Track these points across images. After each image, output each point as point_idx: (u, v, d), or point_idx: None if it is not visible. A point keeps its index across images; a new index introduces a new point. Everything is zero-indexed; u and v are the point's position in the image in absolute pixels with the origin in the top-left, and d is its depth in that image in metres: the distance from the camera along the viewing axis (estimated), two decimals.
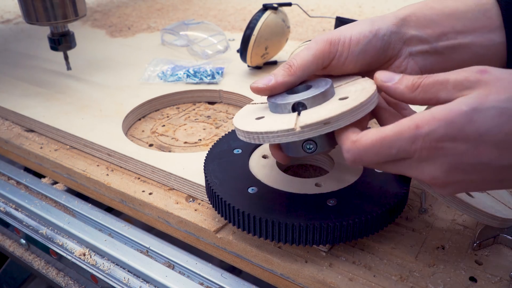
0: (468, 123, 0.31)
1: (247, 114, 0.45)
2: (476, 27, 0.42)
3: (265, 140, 0.39)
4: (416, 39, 0.43)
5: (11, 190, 0.66)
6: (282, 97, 0.42)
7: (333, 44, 0.42)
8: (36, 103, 0.74)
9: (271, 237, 0.42)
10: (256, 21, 0.78)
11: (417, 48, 0.44)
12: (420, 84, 0.36)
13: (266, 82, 0.43)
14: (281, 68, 0.43)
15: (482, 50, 0.43)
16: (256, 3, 1.34)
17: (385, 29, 0.43)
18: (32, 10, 0.73)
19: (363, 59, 0.43)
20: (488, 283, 0.41)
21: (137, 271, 0.51)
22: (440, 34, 0.43)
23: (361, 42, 0.42)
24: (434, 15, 0.43)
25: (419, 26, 0.43)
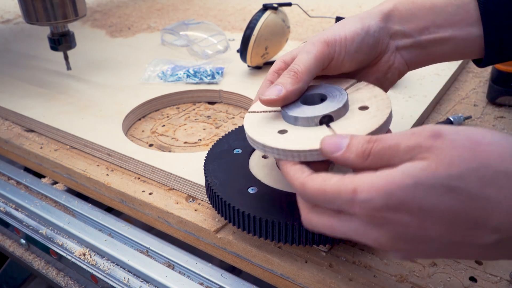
0: (410, 198, 0.29)
1: (260, 126, 0.43)
2: (455, 21, 0.44)
3: (307, 158, 0.37)
4: (400, 33, 0.45)
5: (11, 190, 0.66)
6: (298, 107, 0.42)
7: (330, 44, 0.43)
8: (36, 103, 0.74)
9: (271, 237, 0.42)
10: (256, 21, 0.78)
11: (402, 42, 0.45)
12: (371, 151, 0.32)
13: (277, 93, 0.41)
14: (287, 76, 0.42)
15: (462, 43, 0.44)
16: (256, 3, 1.34)
17: (374, 26, 0.44)
18: (32, 10, 0.73)
19: (358, 56, 0.44)
20: (488, 283, 0.41)
21: (137, 271, 0.51)
22: (422, 28, 0.44)
23: (355, 40, 0.43)
24: (416, 10, 0.44)
25: (402, 21, 0.45)
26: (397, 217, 0.30)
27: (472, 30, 0.44)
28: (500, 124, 0.67)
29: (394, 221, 0.30)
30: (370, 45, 0.44)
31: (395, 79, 0.47)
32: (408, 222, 0.30)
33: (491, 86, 0.72)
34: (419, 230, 0.30)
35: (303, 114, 0.41)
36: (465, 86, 0.79)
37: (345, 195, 0.31)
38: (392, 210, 0.29)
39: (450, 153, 0.29)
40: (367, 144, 0.32)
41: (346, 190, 0.31)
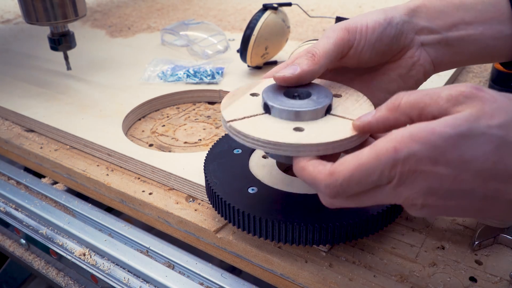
0: (452, 148, 0.29)
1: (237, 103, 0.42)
2: (485, 18, 0.42)
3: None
4: (427, 30, 0.43)
5: (11, 190, 0.66)
6: (279, 97, 0.41)
7: (351, 32, 0.42)
8: (36, 103, 0.74)
9: (271, 237, 0.42)
10: (256, 21, 0.78)
11: (428, 38, 0.43)
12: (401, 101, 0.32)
13: (292, 72, 0.40)
14: (304, 57, 0.41)
15: (492, 42, 0.42)
16: (256, 3, 1.34)
17: (398, 18, 0.42)
18: (32, 10, 0.73)
19: (378, 47, 0.42)
20: (488, 283, 0.41)
21: (137, 271, 0.51)
22: (450, 25, 0.43)
23: (376, 30, 0.42)
24: (444, 6, 0.43)
25: (429, 17, 0.43)
26: (434, 169, 0.29)
27: (503, 28, 0.42)
28: None
29: (431, 175, 0.30)
30: (391, 37, 0.42)
31: (420, 78, 0.45)
32: (444, 174, 0.29)
33: (491, 86, 0.72)
34: (454, 183, 0.29)
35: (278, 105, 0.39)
36: None
37: (385, 158, 0.30)
38: (432, 162, 0.29)
39: (491, 105, 0.29)
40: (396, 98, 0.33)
41: (387, 151, 0.30)
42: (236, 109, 0.41)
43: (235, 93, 0.43)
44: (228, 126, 0.39)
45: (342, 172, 0.32)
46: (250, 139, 0.38)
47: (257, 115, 0.40)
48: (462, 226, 0.48)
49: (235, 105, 0.41)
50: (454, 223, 0.48)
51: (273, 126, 0.38)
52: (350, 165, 0.31)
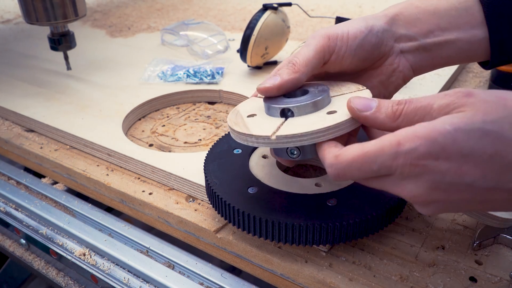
0: (451, 143, 0.31)
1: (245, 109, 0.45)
2: (459, 23, 0.44)
3: (248, 142, 0.40)
4: (405, 37, 0.45)
5: (11, 190, 0.66)
6: (278, 99, 0.43)
7: (331, 38, 0.43)
8: (36, 103, 0.74)
9: (271, 237, 0.42)
10: (256, 21, 0.78)
11: (407, 45, 0.45)
12: (402, 111, 0.34)
13: (273, 82, 0.42)
14: (285, 67, 0.43)
15: (467, 46, 0.45)
16: (256, 3, 1.34)
17: (378, 26, 0.44)
18: (32, 10, 0.73)
19: (359, 54, 0.44)
20: (488, 283, 0.41)
21: (137, 271, 0.51)
22: (426, 32, 0.45)
23: (358, 37, 0.43)
24: (420, 14, 0.45)
25: (407, 25, 0.45)
26: (436, 164, 0.31)
27: (477, 32, 0.44)
28: None
29: (433, 169, 0.32)
30: (372, 44, 0.44)
31: (399, 83, 0.47)
32: (446, 168, 0.31)
33: (491, 86, 0.72)
34: (455, 176, 0.31)
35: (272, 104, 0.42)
36: (465, 86, 0.79)
37: (389, 149, 0.32)
38: (432, 158, 0.31)
39: (484, 105, 0.31)
40: (397, 106, 0.35)
41: (390, 144, 0.32)
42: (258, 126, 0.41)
43: (233, 121, 0.44)
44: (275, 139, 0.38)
45: (346, 156, 0.34)
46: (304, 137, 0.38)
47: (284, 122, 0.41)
48: (462, 226, 0.48)
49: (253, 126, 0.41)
50: (454, 223, 0.48)
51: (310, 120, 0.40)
52: (354, 152, 0.34)
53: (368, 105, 0.36)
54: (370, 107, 0.36)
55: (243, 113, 0.44)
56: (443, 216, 0.49)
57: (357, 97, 0.37)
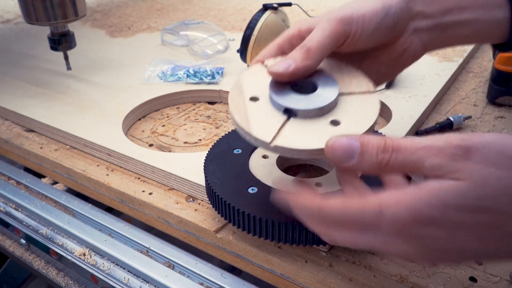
0: (439, 215, 0.28)
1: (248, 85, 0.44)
2: (481, 3, 0.43)
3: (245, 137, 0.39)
4: (422, 14, 0.43)
5: (11, 190, 0.66)
6: (284, 90, 0.41)
7: (346, 23, 0.41)
8: (36, 103, 0.74)
9: (271, 237, 0.42)
10: (256, 21, 0.78)
11: (422, 23, 0.44)
12: (388, 162, 0.30)
13: (286, 67, 0.40)
14: (299, 52, 0.40)
15: (486, 26, 0.43)
16: (256, 3, 1.34)
17: (395, 6, 0.42)
18: (32, 10, 0.73)
19: (375, 37, 0.42)
20: (488, 283, 0.41)
21: (137, 271, 0.51)
22: (445, 10, 0.43)
23: (374, 20, 0.41)
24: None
25: (425, 2, 0.43)
26: (426, 231, 0.29)
27: (497, 13, 0.43)
28: (500, 124, 0.67)
29: (424, 235, 0.29)
30: (389, 27, 0.42)
31: (408, 62, 0.46)
32: (438, 235, 0.29)
33: (491, 86, 0.72)
34: (450, 242, 0.29)
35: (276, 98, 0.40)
36: (465, 86, 0.79)
37: (370, 212, 0.30)
38: (420, 225, 0.29)
39: (481, 175, 0.28)
40: (383, 154, 0.31)
41: (371, 206, 0.30)
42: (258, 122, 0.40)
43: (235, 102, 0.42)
44: (273, 147, 0.38)
45: (326, 204, 0.32)
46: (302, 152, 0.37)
47: (285, 123, 0.39)
48: None
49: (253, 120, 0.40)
50: None
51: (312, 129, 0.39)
52: (336, 204, 0.32)
53: (350, 153, 0.32)
54: (352, 155, 0.32)
55: (246, 91, 0.43)
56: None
57: (337, 140, 0.32)
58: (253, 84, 0.44)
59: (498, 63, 0.70)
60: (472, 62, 0.90)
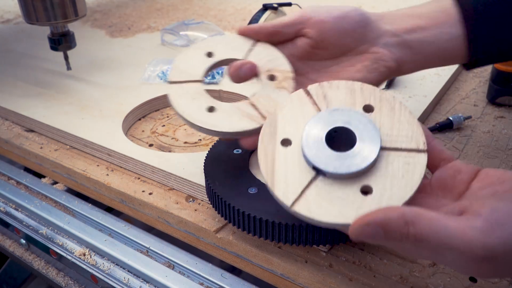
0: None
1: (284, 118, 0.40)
2: (437, 23, 0.47)
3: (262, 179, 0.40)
4: (389, 32, 0.48)
5: (11, 190, 0.66)
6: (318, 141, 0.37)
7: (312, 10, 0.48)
8: (36, 103, 0.74)
9: (271, 237, 0.42)
10: (256, 21, 0.78)
11: (391, 40, 0.48)
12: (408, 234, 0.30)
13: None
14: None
15: (446, 44, 0.47)
16: (256, 3, 1.34)
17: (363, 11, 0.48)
18: (32, 10, 0.73)
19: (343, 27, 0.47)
20: (488, 283, 0.41)
21: (137, 271, 0.51)
22: (409, 30, 0.48)
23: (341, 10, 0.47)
24: (400, 15, 0.49)
25: (391, 23, 0.48)
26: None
27: (454, 31, 0.47)
28: (500, 124, 0.67)
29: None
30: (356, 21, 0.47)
31: (384, 71, 0.47)
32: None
33: (491, 86, 0.72)
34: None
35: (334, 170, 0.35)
36: (465, 86, 0.79)
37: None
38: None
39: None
40: (404, 229, 0.29)
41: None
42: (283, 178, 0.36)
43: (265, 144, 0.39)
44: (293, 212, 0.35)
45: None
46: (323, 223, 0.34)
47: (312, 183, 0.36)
48: None
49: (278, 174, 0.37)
50: None
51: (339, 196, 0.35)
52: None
53: (374, 237, 0.30)
54: (375, 238, 0.30)
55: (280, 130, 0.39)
56: None
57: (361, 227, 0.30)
58: (290, 119, 0.40)
59: (498, 63, 0.70)
60: None
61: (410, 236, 0.29)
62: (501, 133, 0.65)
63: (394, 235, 0.30)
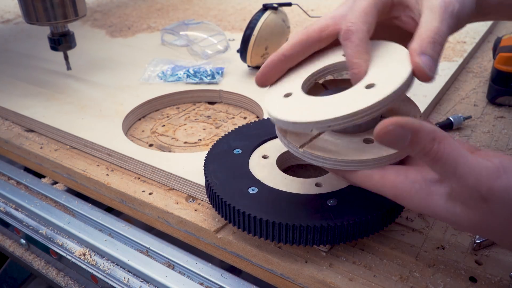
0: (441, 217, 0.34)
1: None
2: None
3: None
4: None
5: (11, 190, 0.66)
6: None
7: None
8: (36, 103, 0.74)
9: (271, 237, 0.42)
10: (256, 21, 0.78)
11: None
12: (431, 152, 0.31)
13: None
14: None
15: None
16: (256, 3, 1.34)
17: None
18: (32, 10, 0.73)
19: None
20: (488, 283, 0.41)
21: (137, 271, 0.51)
22: None
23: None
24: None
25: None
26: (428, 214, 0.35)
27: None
28: (500, 124, 0.67)
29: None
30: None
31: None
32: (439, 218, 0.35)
33: (491, 86, 0.72)
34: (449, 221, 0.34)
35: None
36: (465, 86, 0.79)
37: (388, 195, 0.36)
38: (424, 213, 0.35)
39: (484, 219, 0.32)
40: (431, 144, 0.31)
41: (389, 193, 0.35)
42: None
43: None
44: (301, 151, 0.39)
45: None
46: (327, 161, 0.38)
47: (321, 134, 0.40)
48: None
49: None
50: None
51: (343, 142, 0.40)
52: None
53: (401, 140, 0.31)
54: (401, 143, 0.32)
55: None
56: None
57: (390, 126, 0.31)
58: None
59: (498, 63, 0.70)
60: (472, 62, 0.90)
61: (432, 152, 0.31)
62: (501, 133, 0.65)
63: (418, 145, 0.31)
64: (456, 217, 0.33)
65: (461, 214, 0.33)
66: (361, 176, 0.37)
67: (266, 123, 0.57)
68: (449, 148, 0.31)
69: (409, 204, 0.34)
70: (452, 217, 0.33)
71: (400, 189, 0.34)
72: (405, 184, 0.34)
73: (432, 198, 0.33)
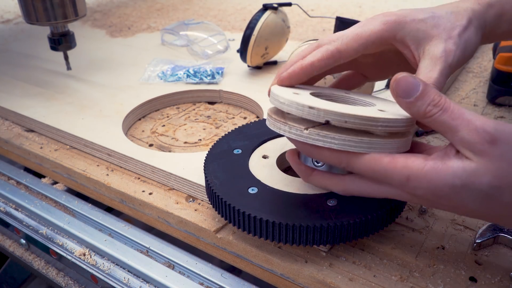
0: (453, 195, 0.34)
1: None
2: None
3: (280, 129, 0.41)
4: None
5: (11, 190, 0.66)
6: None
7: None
8: (36, 103, 0.74)
9: (271, 237, 0.42)
10: (256, 21, 0.78)
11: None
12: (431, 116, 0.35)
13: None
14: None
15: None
16: (256, 3, 1.34)
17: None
18: (32, 10, 0.73)
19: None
20: (488, 283, 0.41)
21: (137, 271, 0.51)
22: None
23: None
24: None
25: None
26: (438, 200, 0.35)
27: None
28: None
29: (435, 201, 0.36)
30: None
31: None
32: (447, 204, 0.36)
33: (491, 86, 0.72)
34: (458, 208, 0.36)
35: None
36: (465, 86, 0.79)
37: (398, 178, 0.36)
38: (436, 196, 0.35)
39: (498, 166, 0.33)
40: (432, 107, 0.34)
41: (399, 172, 0.35)
42: None
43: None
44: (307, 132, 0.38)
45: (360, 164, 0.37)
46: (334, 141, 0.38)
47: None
48: (462, 226, 0.48)
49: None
50: (454, 223, 0.48)
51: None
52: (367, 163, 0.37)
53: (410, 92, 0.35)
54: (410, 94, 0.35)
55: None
56: (443, 216, 0.49)
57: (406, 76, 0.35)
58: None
59: (498, 63, 0.70)
60: (472, 62, 0.90)
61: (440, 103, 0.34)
62: None
63: (428, 97, 0.34)
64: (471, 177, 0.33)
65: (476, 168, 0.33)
66: (369, 159, 0.37)
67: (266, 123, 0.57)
68: (453, 103, 0.35)
69: (422, 182, 0.34)
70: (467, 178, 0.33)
71: (412, 168, 0.35)
72: (418, 162, 0.35)
73: (447, 166, 0.34)
